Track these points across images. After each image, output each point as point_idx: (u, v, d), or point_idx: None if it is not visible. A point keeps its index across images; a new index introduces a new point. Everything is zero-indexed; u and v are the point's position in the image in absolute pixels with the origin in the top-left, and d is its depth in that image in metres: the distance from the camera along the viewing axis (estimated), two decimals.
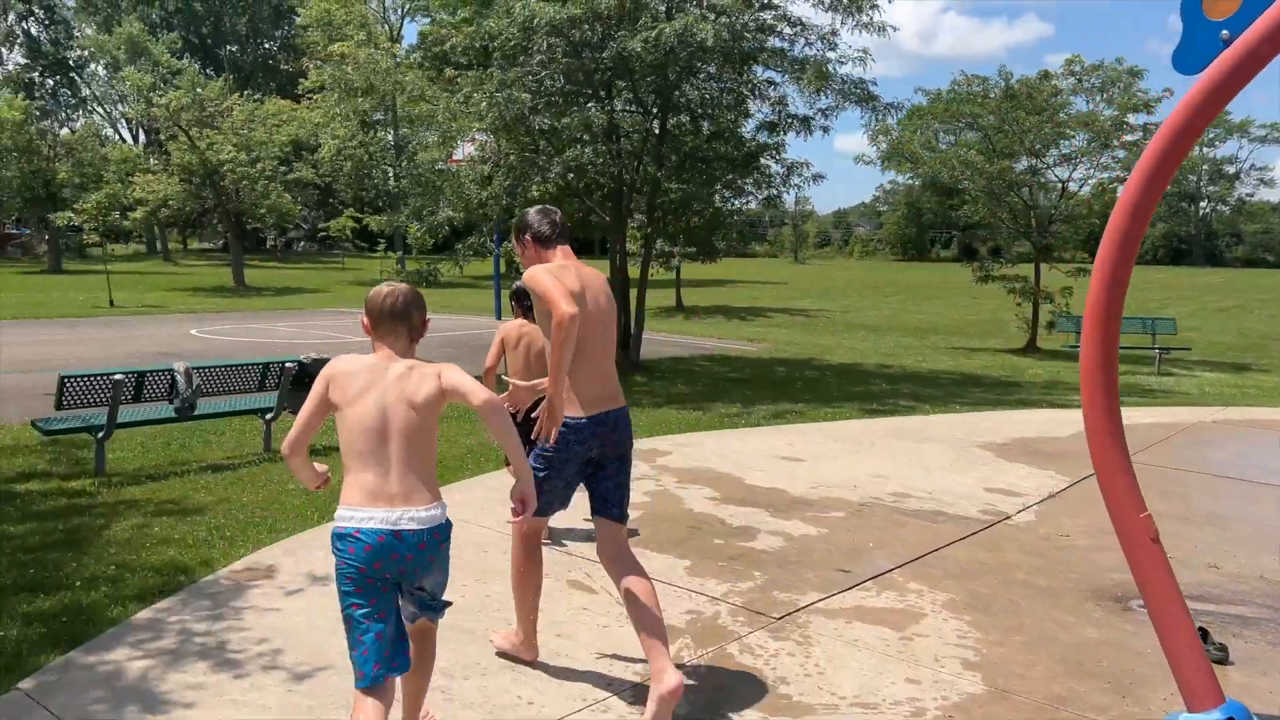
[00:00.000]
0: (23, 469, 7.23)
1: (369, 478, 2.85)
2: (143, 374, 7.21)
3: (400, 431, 2.89)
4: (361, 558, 2.79)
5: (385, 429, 2.88)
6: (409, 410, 2.90)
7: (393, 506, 2.83)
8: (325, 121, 39.61)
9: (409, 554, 2.82)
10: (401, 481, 2.86)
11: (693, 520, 6.11)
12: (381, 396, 2.90)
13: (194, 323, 20.35)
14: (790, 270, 68.71)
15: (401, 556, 2.82)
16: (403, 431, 2.89)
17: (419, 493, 2.88)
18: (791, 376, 13.97)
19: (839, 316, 28.26)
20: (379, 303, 3.02)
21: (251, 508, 6.17)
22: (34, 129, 39.07)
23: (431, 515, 2.88)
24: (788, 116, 13.22)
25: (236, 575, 4.87)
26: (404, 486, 2.86)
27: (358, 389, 2.92)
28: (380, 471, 2.86)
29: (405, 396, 2.91)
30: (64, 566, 4.89)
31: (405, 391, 2.92)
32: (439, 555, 2.93)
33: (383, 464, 2.86)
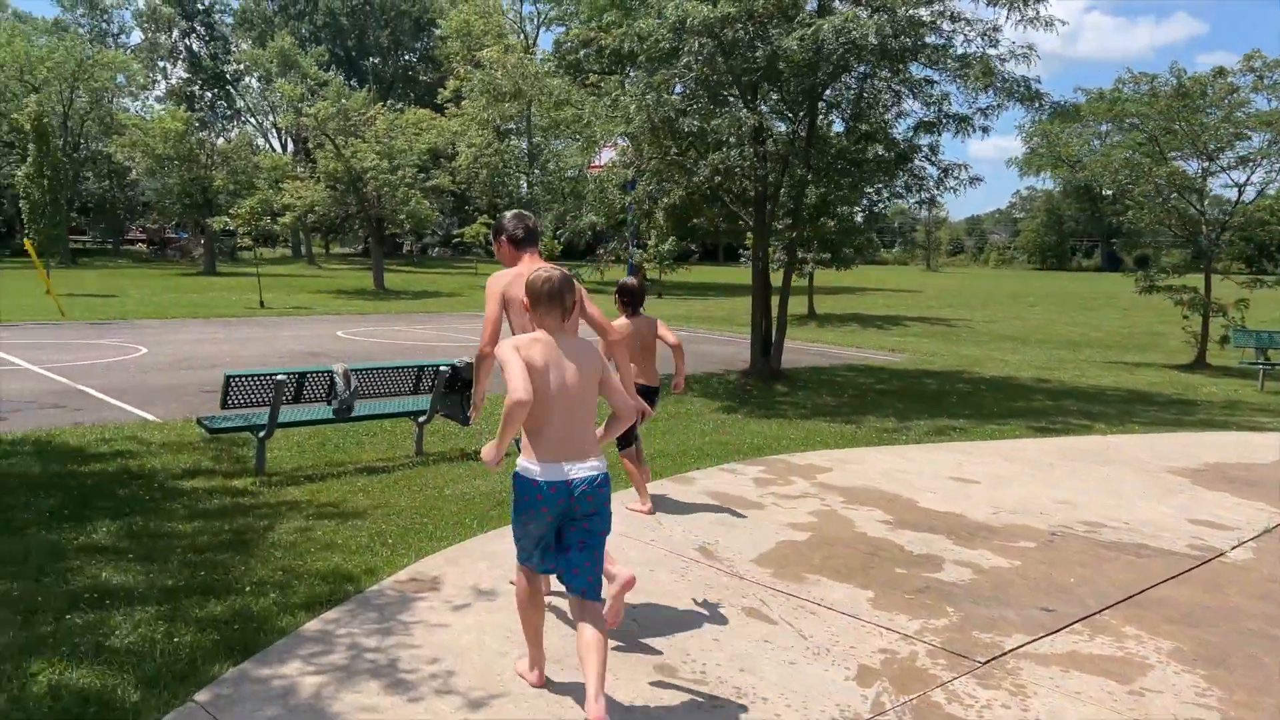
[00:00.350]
0: (188, 465, 7.36)
1: (548, 437, 3.37)
2: (303, 375, 7.24)
3: (578, 397, 3.40)
4: (540, 504, 3.37)
5: (565, 395, 3.37)
6: (582, 380, 3.41)
7: (568, 461, 3.37)
8: (463, 130, 40.62)
9: (578, 503, 3.37)
10: (575, 440, 3.39)
11: (868, 546, 5.66)
12: (561, 369, 3.39)
13: (339, 324, 20.95)
14: (923, 278, 66.68)
15: (571, 505, 3.37)
16: (579, 396, 3.41)
17: (590, 450, 3.43)
18: (943, 390, 13.26)
19: (982, 327, 27.03)
20: (538, 286, 3.43)
21: (410, 513, 6.06)
22: (193, 139, 41.32)
23: (596, 467, 3.43)
24: (946, 116, 12.55)
25: (401, 586, 4.71)
26: (577, 445, 3.39)
27: (542, 361, 3.36)
28: (558, 432, 3.37)
29: (581, 367, 3.41)
30: (232, 569, 4.83)
31: (580, 363, 3.42)
32: (599, 499, 3.43)
33: (560, 425, 3.37)
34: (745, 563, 5.25)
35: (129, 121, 44.19)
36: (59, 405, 10.08)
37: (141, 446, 8.01)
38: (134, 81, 53.74)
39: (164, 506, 6.15)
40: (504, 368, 3.33)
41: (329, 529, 5.64)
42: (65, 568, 4.82)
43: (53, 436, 8.34)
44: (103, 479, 6.83)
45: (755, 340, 13.66)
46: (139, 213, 57.04)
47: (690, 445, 8.57)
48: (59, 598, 4.35)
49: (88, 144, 51.37)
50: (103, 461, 7.37)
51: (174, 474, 7.08)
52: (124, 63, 51.97)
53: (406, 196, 34.90)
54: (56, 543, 5.30)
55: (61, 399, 10.45)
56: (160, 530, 5.58)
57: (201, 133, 45.89)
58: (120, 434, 8.52)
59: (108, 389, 11.15)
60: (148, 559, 4.98)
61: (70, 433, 8.49)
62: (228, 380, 6.84)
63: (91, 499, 6.30)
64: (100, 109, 49.84)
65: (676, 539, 5.61)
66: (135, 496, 6.38)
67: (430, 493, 6.60)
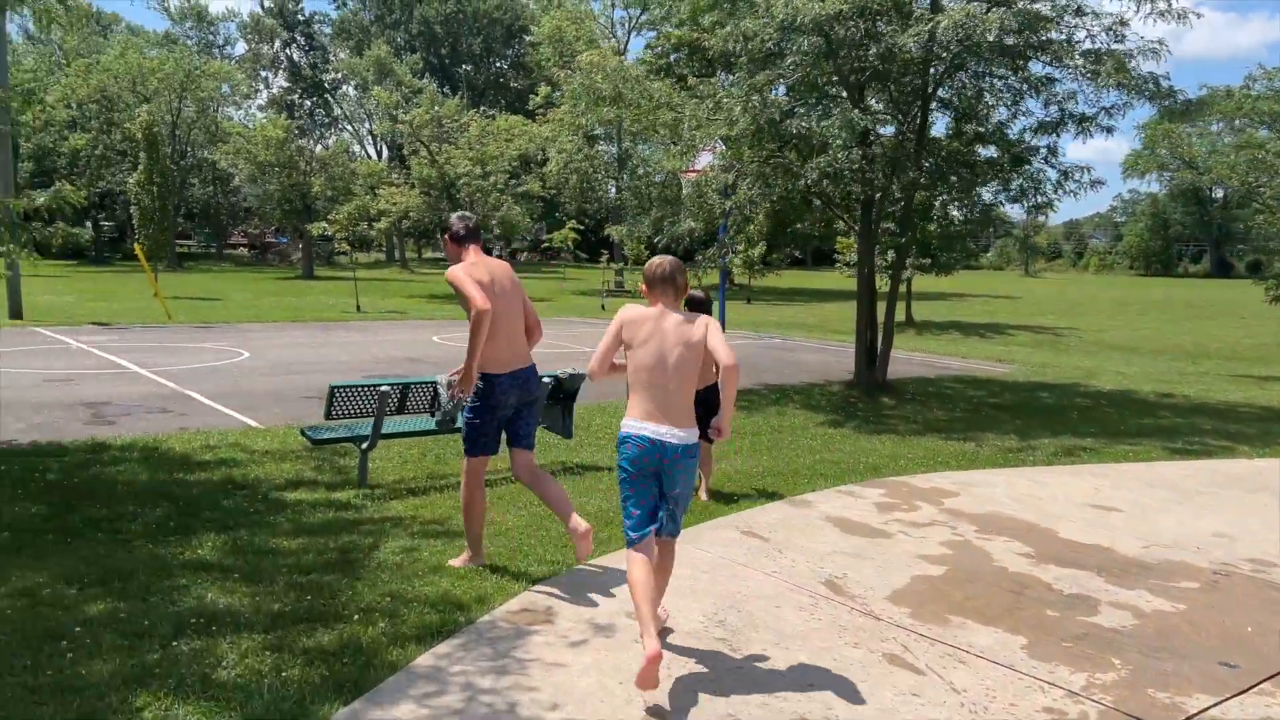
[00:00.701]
0: (291, 476, 7.26)
1: (645, 400, 3.86)
2: (407, 385, 7.08)
3: (676, 370, 3.85)
4: (635, 454, 3.87)
5: (665, 367, 3.85)
6: (684, 353, 3.86)
7: (661, 424, 3.84)
8: (554, 136, 40.80)
9: (665, 459, 3.85)
10: (671, 408, 3.85)
11: (1011, 583, 5.19)
12: (660, 341, 3.87)
13: (434, 329, 21.05)
14: (1021, 284, 64.55)
15: (660, 460, 3.85)
16: (678, 369, 3.85)
17: (683, 418, 3.88)
18: (1062, 404, 12.53)
19: (1090, 335, 25.81)
20: (654, 270, 4.00)
21: (516, 533, 5.81)
22: (293, 146, 42.44)
23: (687, 435, 3.87)
24: (1069, 116, 11.84)
25: (514, 617, 4.44)
26: (672, 411, 3.85)
27: (644, 335, 3.89)
28: (657, 398, 3.85)
29: (682, 341, 3.86)
30: (339, 593, 4.63)
31: (682, 338, 3.86)
32: (688, 467, 3.91)
33: (657, 392, 3.85)
34: (879, 600, 4.83)
35: (233, 130, 45.69)
36: (165, 410, 10.19)
37: (245, 455, 7.97)
38: (238, 91, 55.64)
39: (268, 520, 6.03)
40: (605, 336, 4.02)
41: (435, 549, 5.42)
42: (171, 586, 4.68)
43: (159, 443, 8.37)
44: (208, 489, 6.77)
45: (860, 350, 13.15)
46: (241, 218, 58.98)
47: (800, 464, 8.16)
48: (165, 621, 4.20)
49: (194, 152, 53.32)
50: (207, 470, 7.33)
51: (277, 485, 6.98)
52: (228, 73, 53.79)
53: (498, 202, 35.22)
54: (163, 557, 5.19)
55: (168, 403, 10.58)
56: (265, 546, 5.43)
57: (300, 140, 47.11)
58: (224, 441, 8.51)
59: (212, 394, 11.26)
60: (253, 579, 4.81)
61: (176, 439, 8.51)
62: (333, 391, 6.71)
63: (197, 510, 6.22)
64: (206, 118, 51.68)
65: (800, 571, 5.22)
66: (239, 508, 6.28)
67: (535, 510, 6.34)
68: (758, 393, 12.78)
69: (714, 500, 6.74)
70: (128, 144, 47.51)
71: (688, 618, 4.49)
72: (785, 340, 21.40)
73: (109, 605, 4.40)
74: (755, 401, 11.92)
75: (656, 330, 3.88)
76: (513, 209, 36.42)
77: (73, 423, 9.31)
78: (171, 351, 15.20)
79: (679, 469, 3.88)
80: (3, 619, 4.20)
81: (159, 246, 41.35)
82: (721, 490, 7.09)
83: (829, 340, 21.69)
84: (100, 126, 49.05)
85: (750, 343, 20.57)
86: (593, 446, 8.73)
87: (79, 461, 7.54)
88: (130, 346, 15.73)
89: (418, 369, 14.03)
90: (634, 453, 3.87)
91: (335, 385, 6.73)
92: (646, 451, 3.84)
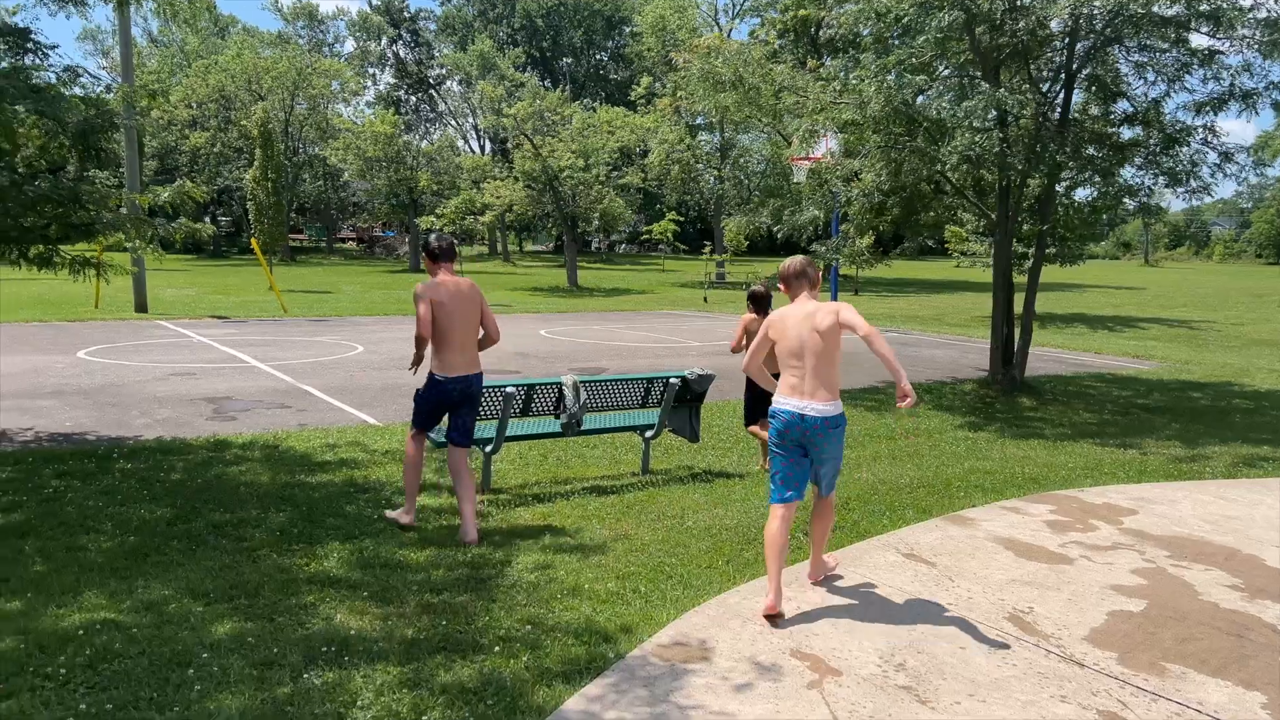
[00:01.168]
0: None
1: (791, 380, 4.46)
2: (532, 386, 6.72)
3: (811, 351, 4.39)
4: (782, 426, 4.45)
5: (802, 350, 4.41)
6: (816, 336, 4.37)
7: (802, 399, 4.40)
8: (655, 126, 40.42)
9: (808, 430, 4.38)
10: (810, 384, 4.39)
11: (1228, 623, 4.51)
12: (799, 329, 4.43)
13: (540, 323, 20.89)
14: (1142, 274, 61.35)
15: (803, 431, 4.39)
16: (813, 351, 4.39)
17: (821, 393, 4.39)
18: (1219, 406, 11.50)
19: (1229, 329, 24.11)
20: (787, 269, 4.63)
21: (654, 549, 5.38)
22: (400, 141, 43.07)
23: (827, 408, 4.39)
24: (1235, 91, 10.80)
25: (666, 653, 4.00)
26: (811, 387, 4.39)
27: (786, 328, 4.49)
28: (798, 377, 4.42)
29: (814, 327, 4.38)
30: (474, 617, 4.27)
31: (814, 324, 4.39)
32: (830, 437, 4.42)
33: (799, 372, 4.42)
34: (1076, 641, 4.23)
35: (342, 126, 46.65)
36: (284, 405, 10.13)
37: (365, 455, 7.76)
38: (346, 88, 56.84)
39: (392, 528, 5.75)
40: (757, 336, 4.72)
41: (570, 566, 5.03)
42: (298, 604, 4.41)
43: (279, 440, 8.25)
44: (330, 492, 6.55)
45: (996, 345, 12.32)
46: (350, 212, 60.38)
47: (950, 473, 7.52)
48: (295, 647, 3.90)
49: (305, 148, 54.77)
50: (329, 471, 7.13)
51: (399, 488, 6.72)
52: (338, 70, 55.02)
53: (600, 194, 35.03)
54: (288, 569, 4.94)
55: (286, 398, 10.54)
56: (392, 559, 5.14)
57: (406, 136, 47.89)
58: (343, 439, 8.34)
59: (328, 389, 11.19)
60: (383, 598, 4.50)
61: (296, 437, 8.38)
62: None
63: (320, 515, 5.99)
64: (317, 115, 52.96)
65: (978, 603, 4.65)
66: (363, 515, 6.03)
67: (670, 523, 5.91)
68: (886, 392, 12.10)
69: (858, 511, 6.20)
70: (244, 141, 49.12)
71: (862, 659, 3.98)
72: (904, 334, 20.52)
73: (236, 625, 4.14)
74: (884, 401, 11.26)
75: (795, 321, 4.52)
76: (614, 201, 36.18)
77: (195, 418, 9.30)
78: (287, 345, 15.33)
79: (821, 438, 4.44)
80: (130, 639, 3.97)
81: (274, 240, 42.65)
82: (869, 499, 6.54)
83: (949, 334, 20.72)
84: (218, 125, 50.78)
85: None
86: (718, 451, 8.26)
87: (202, 460, 7.44)
88: (248, 340, 15.95)
89: (528, 364, 13.80)
90: (781, 425, 4.52)
91: None
92: (790, 423, 4.47)
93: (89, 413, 9.43)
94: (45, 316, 18.40)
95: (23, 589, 4.62)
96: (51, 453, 7.60)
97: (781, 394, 4.52)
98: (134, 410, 9.59)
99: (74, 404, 9.85)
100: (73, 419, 9.11)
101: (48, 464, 7.18)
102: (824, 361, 4.41)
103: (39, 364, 12.41)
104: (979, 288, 39.50)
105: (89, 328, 17.07)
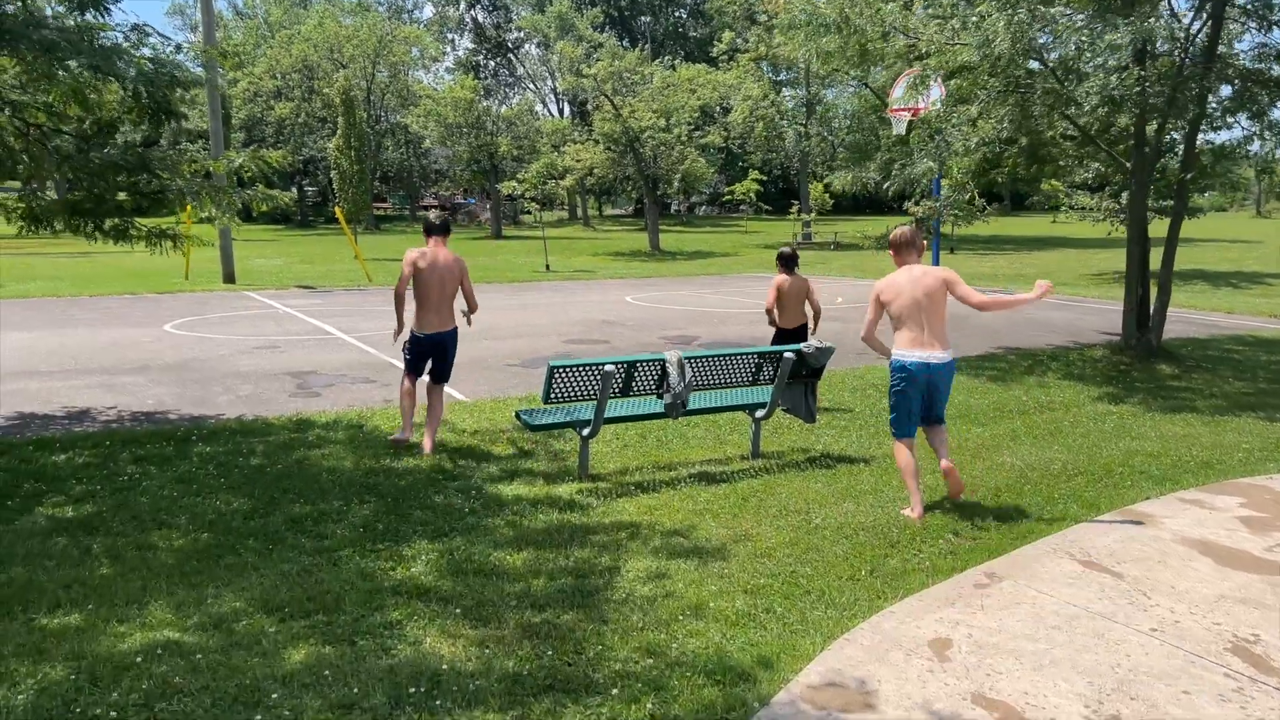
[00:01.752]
0: (504, 465, 6.43)
1: (911, 334, 5.30)
2: (633, 364, 6.06)
3: (925, 310, 5.26)
4: (911, 374, 5.30)
5: (917, 310, 5.27)
6: (926, 297, 5.26)
7: (925, 350, 5.28)
8: (738, 83, 39.19)
9: (933, 374, 5.28)
10: (928, 337, 5.28)
11: None
12: (912, 291, 5.28)
13: (625, 289, 20.23)
14: (1255, 226, 57.70)
15: (929, 376, 5.29)
16: (926, 310, 5.26)
17: (937, 344, 5.28)
18: None
19: None
20: (898, 237, 5.50)
21: (781, 554, 4.68)
22: (480, 106, 42.64)
23: (943, 356, 5.30)
24: None
25: (818, 697, 3.31)
26: (929, 340, 5.28)
27: (897, 292, 5.32)
28: (916, 331, 5.29)
29: (923, 289, 5.26)
30: (584, 644, 3.64)
31: (922, 286, 5.27)
32: (948, 379, 5.37)
33: (917, 327, 5.29)
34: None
35: (423, 92, 46.45)
36: (369, 380, 9.70)
37: (453, 435, 7.23)
38: (426, 54, 56.67)
39: (485, 523, 5.18)
40: (869, 308, 5.40)
41: (688, 575, 4.37)
42: (383, 623, 3.84)
43: (364, 419, 7.78)
44: (416, 479, 6.02)
45: (1129, 307, 11.21)
46: (432, 180, 60.46)
47: (1105, 456, 6.63)
48: (378, 683, 3.33)
49: (387, 116, 54.87)
50: (415, 456, 6.60)
51: (490, 474, 6.16)
52: (418, 37, 54.81)
53: (683, 155, 34.08)
54: (371, 575, 4.40)
55: (371, 372, 10.11)
56: (485, 562, 4.55)
57: (486, 101, 47.43)
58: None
59: None
60: (478, 616, 3.91)
61: (381, 415, 7.90)
62: (551, 372, 5.78)
63: (406, 507, 5.46)
64: (398, 82, 52.93)
65: (1189, 629, 3.84)
66: (452, 507, 5.47)
67: (795, 520, 5.20)
68: (1006, 360, 11.13)
69: (1011, 504, 5.40)
70: (327, 110, 49.34)
71: (1064, 708, 3.23)
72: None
73: (313, 650, 3.59)
74: (1007, 371, 10.31)
75: (907, 284, 5.28)
76: (696, 161, 35.20)
77: (278, 395, 8.92)
78: (372, 315, 14.99)
79: (942, 380, 5.32)
80: (193, 669, 3.45)
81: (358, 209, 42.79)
82: (1021, 490, 5.73)
83: (1062, 294, 19.40)
84: (302, 95, 51.13)
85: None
86: (834, 430, 7.50)
87: (283, 442, 7.00)
88: (334, 310, 15.67)
89: (616, 333, 13.17)
90: (909, 374, 5.27)
91: (554, 365, 5.80)
92: (918, 370, 5.25)
93: (171, 389, 9.13)
94: (136, 289, 18.47)
95: (85, 597, 4.17)
96: (131, 434, 7.25)
97: (904, 347, 5.29)
98: (217, 386, 9.26)
99: (158, 380, 9.57)
100: (155, 396, 8.81)
101: (125, 447, 6.83)
102: (936, 318, 5.25)
103: (126, 338, 12.26)
104: (1078, 244, 37.48)
105: (178, 300, 17.03)
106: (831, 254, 32.81)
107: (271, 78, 49.87)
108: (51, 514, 5.37)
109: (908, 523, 5.19)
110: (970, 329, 13.86)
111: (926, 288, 5.19)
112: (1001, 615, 3.89)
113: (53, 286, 18.69)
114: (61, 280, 20.03)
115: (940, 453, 5.44)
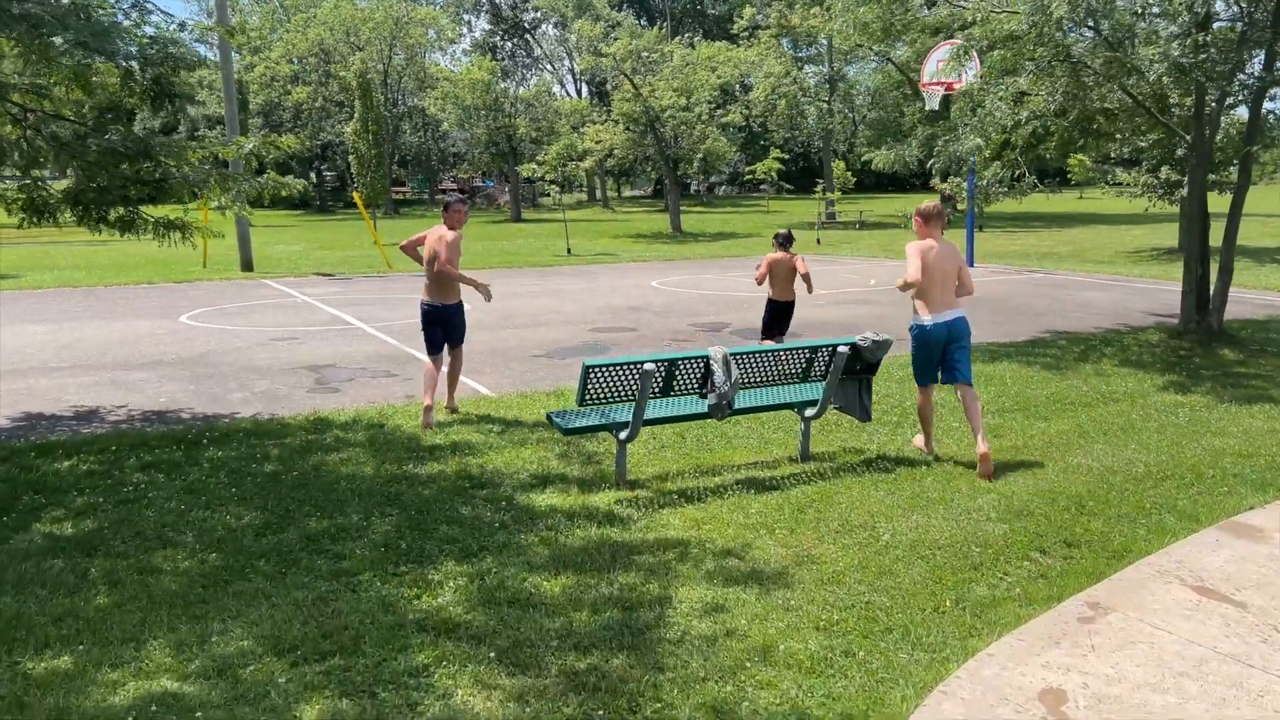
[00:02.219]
0: (534, 469, 5.96)
1: (935, 300, 6.01)
2: (674, 362, 5.56)
3: (948, 277, 6.03)
4: (932, 335, 6.01)
5: (943, 276, 5.99)
6: (949, 267, 6.02)
7: (945, 310, 6.02)
8: (759, 59, 38.37)
9: (954, 329, 6.01)
10: (949, 300, 6.04)
11: None
12: (940, 262, 5.98)
13: (650, 273, 19.69)
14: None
15: (949, 333, 6.00)
16: (949, 276, 6.03)
17: (953, 304, 6.05)
18: None
19: None
20: (927, 210, 6.13)
21: (851, 579, 4.19)
22: (498, 88, 42.03)
23: (961, 312, 6.07)
24: None
25: None
26: (949, 302, 6.04)
27: (933, 258, 5.96)
28: (939, 297, 6.01)
29: (948, 260, 6.02)
30: (640, 699, 3.17)
31: (948, 258, 6.03)
32: (967, 330, 6.09)
33: (940, 293, 6.01)
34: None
35: (440, 74, 45.87)
36: (389, 373, 9.26)
37: (479, 435, 6.77)
38: (443, 36, 56.01)
39: (517, 540, 4.71)
40: (908, 259, 6.00)
41: (750, 608, 3.89)
42: (407, 669, 3.39)
43: (385, 417, 7.35)
44: (441, 488, 5.57)
45: (1188, 288, 10.59)
46: (450, 163, 59.95)
47: (1190, 456, 6.09)
48: None
49: (404, 99, 54.35)
50: (440, 460, 6.15)
51: (521, 481, 5.70)
52: (434, 18, 54.18)
53: (704, 134, 33.41)
54: (394, 605, 3.95)
55: (392, 365, 9.67)
56: (520, 590, 4.09)
57: (504, 82, 46.78)
58: (455, 417, 7.38)
59: None
60: (515, 660, 3.45)
61: (403, 413, 7.46)
62: (586, 371, 5.30)
63: (430, 521, 5.01)
64: (414, 64, 52.35)
65: None
66: (481, 521, 5.01)
67: (861, 537, 4.70)
68: (1056, 345, 10.54)
69: (1100, 516, 4.87)
70: (344, 94, 48.90)
71: None
72: (1050, 274, 18.60)
73: (328, 706, 3.14)
74: (1060, 358, 9.73)
75: (938, 256, 5.99)
76: (718, 140, 34.51)
77: (295, 390, 8.50)
78: (392, 304, 14.56)
79: (962, 333, 6.05)
80: None
81: (376, 194, 42.38)
82: (1107, 498, 5.21)
83: (1103, 273, 18.71)
84: (319, 79, 50.68)
85: (1012, 277, 17.97)
86: (886, 427, 6.98)
87: (299, 445, 6.57)
88: (353, 299, 15.25)
89: (643, 320, 12.67)
90: (934, 335, 6.01)
91: (590, 364, 5.31)
92: (944, 327, 6.00)
93: (184, 385, 8.72)
94: (154, 278, 18.12)
95: (77, 634, 3.75)
96: (139, 437, 6.85)
97: (928, 313, 6.02)
98: (232, 382, 8.85)
99: (170, 375, 9.17)
100: (167, 394, 8.41)
101: (133, 452, 6.42)
102: (951, 286, 6.08)
103: (141, 330, 11.87)
104: (1111, 220, 36.59)
105: (195, 289, 16.66)
106: (857, 234, 32.10)
107: (288, 62, 49.45)
108: (49, 531, 4.96)
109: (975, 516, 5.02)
110: (1009, 310, 13.27)
111: (950, 260, 6.03)
112: (1117, 658, 3.38)
113: (69, 276, 18.37)
114: (78, 269, 19.71)
115: (974, 425, 5.93)
